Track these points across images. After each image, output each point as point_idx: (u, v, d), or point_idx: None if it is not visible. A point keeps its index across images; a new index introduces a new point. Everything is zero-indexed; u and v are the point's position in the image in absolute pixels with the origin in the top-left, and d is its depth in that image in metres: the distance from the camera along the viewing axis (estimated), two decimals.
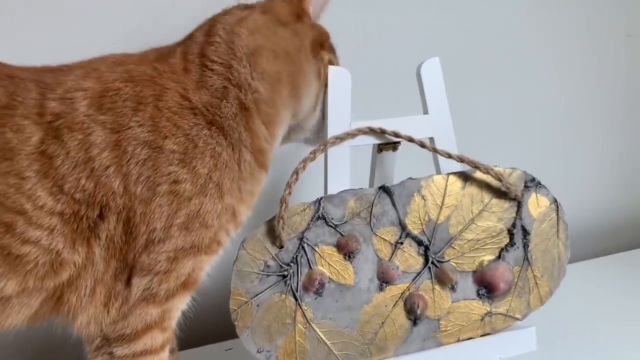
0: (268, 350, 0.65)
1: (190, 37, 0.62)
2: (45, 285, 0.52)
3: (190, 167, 0.54)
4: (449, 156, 0.71)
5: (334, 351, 0.67)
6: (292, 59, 0.62)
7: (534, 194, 0.74)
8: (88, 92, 0.53)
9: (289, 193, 0.65)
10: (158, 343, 0.57)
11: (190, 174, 0.54)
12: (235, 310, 0.64)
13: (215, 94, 0.57)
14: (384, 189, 0.69)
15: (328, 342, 0.67)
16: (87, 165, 0.52)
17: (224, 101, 0.58)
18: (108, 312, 0.54)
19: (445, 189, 0.72)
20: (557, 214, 0.75)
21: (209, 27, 0.61)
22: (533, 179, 0.74)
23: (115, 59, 0.58)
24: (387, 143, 0.73)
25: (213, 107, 0.57)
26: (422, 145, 0.71)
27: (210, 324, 0.71)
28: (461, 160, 0.71)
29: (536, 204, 0.74)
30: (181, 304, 0.58)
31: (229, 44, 0.59)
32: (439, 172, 0.74)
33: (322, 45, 0.65)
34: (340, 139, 0.70)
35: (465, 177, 0.72)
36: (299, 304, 0.66)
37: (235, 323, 0.64)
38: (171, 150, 0.54)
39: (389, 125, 0.72)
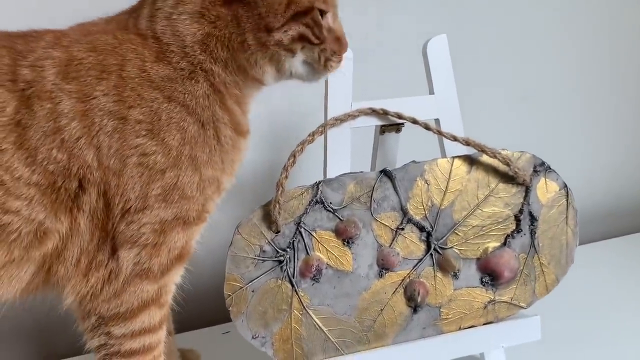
0: (263, 336, 0.64)
1: (136, 11, 0.59)
2: (32, 256, 0.53)
3: (159, 139, 0.53)
4: (454, 139, 0.68)
5: (331, 338, 0.66)
6: (234, 50, 0.57)
7: (543, 179, 0.71)
8: (56, 61, 0.53)
9: (286, 177, 0.63)
10: (156, 320, 0.56)
11: (160, 146, 0.53)
12: (230, 295, 0.63)
13: (179, 72, 0.55)
14: (385, 173, 0.67)
15: (325, 329, 0.66)
16: (57, 135, 0.51)
17: (193, 81, 0.55)
18: (87, 281, 0.54)
19: (450, 173, 0.69)
20: (567, 200, 0.72)
21: (151, 9, 0.57)
22: (542, 163, 0.71)
23: (82, 27, 0.57)
24: (389, 125, 0.70)
25: (172, 83, 0.55)
26: (427, 127, 0.68)
27: (208, 307, 0.70)
28: (467, 143, 0.68)
29: (545, 189, 0.71)
30: (176, 276, 0.57)
31: (174, 31, 0.56)
32: (444, 155, 0.71)
33: (268, 28, 0.55)
34: (340, 120, 0.67)
35: (471, 160, 0.69)
36: (295, 290, 0.64)
37: (230, 309, 0.63)
38: (137, 121, 0.53)
39: (392, 105, 0.69)
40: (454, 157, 0.69)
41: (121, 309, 0.54)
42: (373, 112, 0.68)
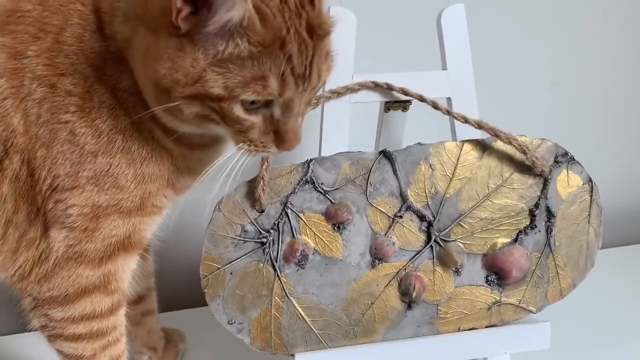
0: (240, 322, 0.60)
1: None
2: None
3: (90, 120, 0.49)
4: (465, 120, 0.61)
5: (314, 329, 0.61)
6: None
7: (564, 171, 0.64)
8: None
9: None
10: (103, 307, 0.53)
11: (90, 128, 0.49)
12: (206, 276, 0.59)
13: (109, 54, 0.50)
14: (385, 154, 0.61)
15: (307, 319, 0.61)
16: None
17: (120, 69, 0.49)
18: (16, 260, 0.51)
19: (458, 158, 0.62)
20: (591, 196, 0.64)
21: None
22: (565, 154, 0.63)
23: None
24: (395, 102, 0.64)
25: (104, 62, 0.49)
26: (435, 106, 0.61)
27: (197, 287, 0.67)
28: (479, 126, 0.61)
29: (566, 183, 0.64)
30: (127, 266, 0.54)
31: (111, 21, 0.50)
32: (455, 139, 0.64)
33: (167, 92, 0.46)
34: (338, 93, 0.61)
35: (483, 146, 0.63)
36: (277, 275, 0.60)
37: (205, 290, 0.59)
38: (67, 92, 0.48)
39: (398, 80, 0.62)
40: (464, 141, 0.62)
41: (54, 293, 0.51)
42: (376, 86, 0.62)
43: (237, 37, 0.43)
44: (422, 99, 0.61)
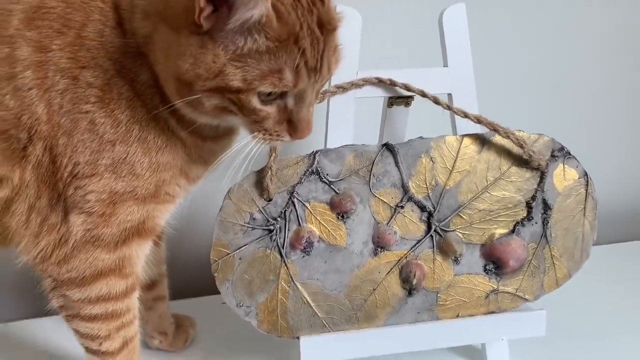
0: (248, 305, 0.62)
1: None
2: None
3: (109, 110, 0.51)
4: (465, 115, 0.64)
5: (318, 314, 0.63)
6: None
7: (561, 165, 0.66)
8: (25, 6, 0.51)
9: None
10: (118, 290, 0.55)
11: (109, 118, 0.51)
12: (216, 261, 0.61)
13: (128, 48, 0.52)
14: (388, 147, 0.64)
15: (312, 304, 0.63)
16: (11, 82, 0.50)
17: (138, 63, 0.52)
18: (38, 243, 0.53)
19: (458, 151, 0.65)
20: (586, 190, 0.67)
21: None
22: (562, 148, 0.66)
23: None
24: (398, 97, 0.67)
25: (123, 57, 0.52)
26: (436, 101, 0.64)
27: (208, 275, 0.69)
28: (478, 120, 0.64)
29: (562, 177, 0.66)
30: (141, 251, 0.56)
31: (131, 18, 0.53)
32: (455, 133, 0.67)
33: (189, 85, 0.49)
34: (343, 88, 0.64)
35: (482, 140, 0.65)
36: (284, 261, 0.62)
37: (215, 275, 0.62)
38: (88, 84, 0.51)
39: (401, 76, 0.65)
40: (463, 135, 0.65)
41: (72, 275, 0.54)
42: (380, 82, 0.65)
43: (255, 33, 0.46)
44: (423, 94, 0.64)
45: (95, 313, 0.56)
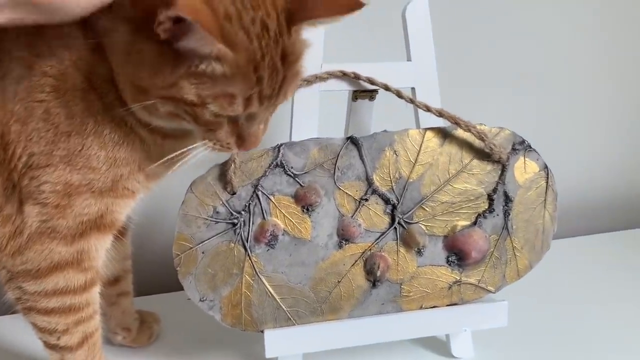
0: (211, 299, 0.62)
1: None
2: None
3: (64, 101, 0.50)
4: (427, 109, 0.65)
5: (283, 307, 0.63)
6: None
7: (521, 158, 0.67)
8: None
9: None
10: (76, 283, 0.54)
11: (64, 109, 0.50)
12: (179, 255, 0.61)
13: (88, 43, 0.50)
14: (352, 140, 0.64)
15: (277, 297, 0.63)
16: None
17: (97, 56, 0.50)
18: None
19: (421, 144, 0.65)
20: (547, 182, 0.68)
21: None
22: (522, 142, 0.67)
23: None
24: (362, 91, 0.67)
25: (78, 49, 0.50)
26: (399, 95, 0.65)
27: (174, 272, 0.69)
28: (440, 114, 0.65)
29: (523, 169, 0.67)
30: (100, 245, 0.55)
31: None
32: (419, 126, 0.68)
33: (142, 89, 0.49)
34: (308, 81, 0.64)
35: (444, 134, 0.66)
36: (248, 255, 0.62)
37: (178, 269, 0.61)
38: (43, 72, 0.49)
39: (365, 70, 0.65)
40: (426, 129, 0.66)
41: (27, 266, 0.53)
42: (344, 75, 0.65)
43: (210, 60, 0.45)
44: (387, 88, 0.65)
45: (52, 306, 0.55)
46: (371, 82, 0.65)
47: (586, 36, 1.10)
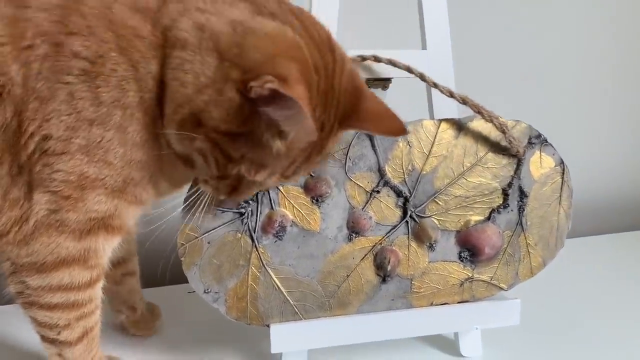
0: (216, 291, 0.60)
1: None
2: None
3: (93, 86, 0.47)
4: (451, 95, 0.62)
5: (290, 300, 0.61)
6: None
7: (537, 152, 0.65)
8: None
9: None
10: (82, 280, 0.52)
11: (91, 93, 0.47)
12: (183, 245, 0.59)
13: (149, 38, 0.48)
14: None
15: (284, 290, 0.61)
16: None
17: (152, 56, 0.48)
18: None
19: (435, 136, 0.63)
20: (562, 178, 0.66)
21: None
22: (539, 135, 0.65)
23: None
24: (376, 79, 0.65)
25: (136, 39, 0.48)
26: (422, 77, 0.62)
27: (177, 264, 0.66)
28: (464, 101, 0.62)
29: (539, 164, 0.65)
30: (107, 246, 0.53)
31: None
32: (432, 118, 0.66)
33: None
34: None
35: (459, 126, 0.64)
36: (255, 246, 0.60)
37: (182, 259, 0.59)
38: (74, 53, 0.46)
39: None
40: (441, 120, 0.64)
41: (33, 259, 0.50)
42: (363, 60, 0.63)
43: (277, 138, 0.47)
44: (409, 70, 0.62)
45: (56, 302, 0.52)
46: (393, 63, 0.62)
47: (595, 33, 1.08)
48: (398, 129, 0.52)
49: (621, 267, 0.95)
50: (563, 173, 0.66)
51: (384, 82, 0.66)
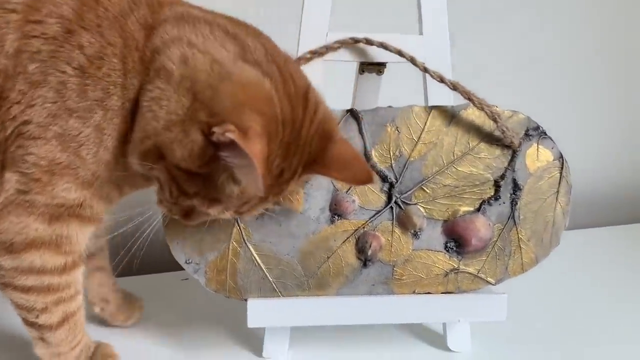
0: (197, 263, 0.62)
1: None
2: None
3: (83, 81, 0.48)
4: (441, 80, 0.61)
5: (269, 277, 0.62)
6: None
7: (534, 145, 0.63)
8: None
9: None
10: (54, 265, 0.53)
11: (81, 87, 0.48)
12: (166, 218, 0.61)
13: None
14: (352, 113, 0.62)
15: (263, 267, 0.62)
16: None
17: (138, 71, 0.50)
18: None
19: (426, 123, 0.63)
20: (561, 173, 0.64)
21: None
22: (537, 127, 0.63)
23: None
24: (370, 63, 0.65)
25: (129, 46, 0.49)
26: (413, 61, 0.61)
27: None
28: (454, 87, 0.61)
29: (536, 157, 0.63)
30: (81, 234, 0.54)
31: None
32: (426, 104, 0.65)
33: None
34: (319, 53, 0.62)
35: (451, 114, 0.63)
36: (237, 221, 0.61)
37: (165, 230, 0.61)
38: (79, 45, 0.48)
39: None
40: (432, 107, 0.63)
41: (2, 237, 0.51)
42: (355, 42, 0.62)
43: (232, 182, 0.49)
44: (400, 53, 0.61)
45: (30, 285, 0.53)
46: (384, 46, 0.61)
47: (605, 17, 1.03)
48: (363, 177, 0.53)
49: (617, 261, 0.92)
50: (562, 168, 0.64)
51: (379, 67, 0.65)
